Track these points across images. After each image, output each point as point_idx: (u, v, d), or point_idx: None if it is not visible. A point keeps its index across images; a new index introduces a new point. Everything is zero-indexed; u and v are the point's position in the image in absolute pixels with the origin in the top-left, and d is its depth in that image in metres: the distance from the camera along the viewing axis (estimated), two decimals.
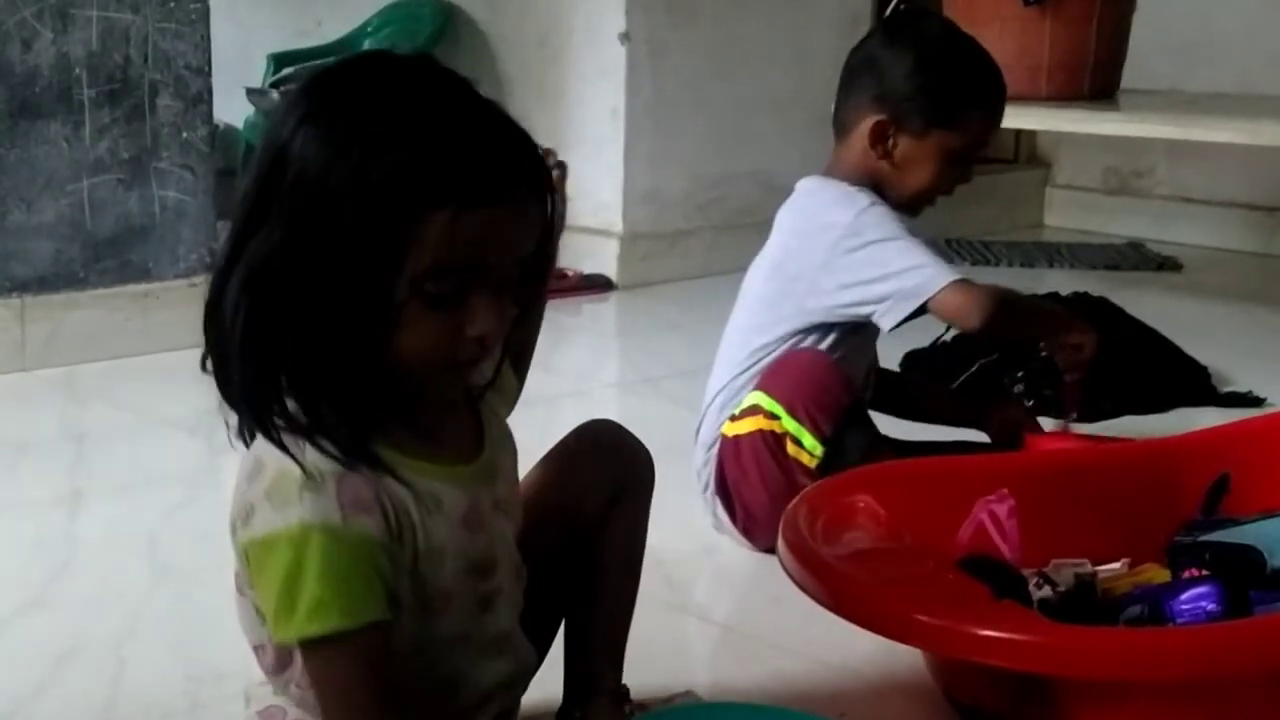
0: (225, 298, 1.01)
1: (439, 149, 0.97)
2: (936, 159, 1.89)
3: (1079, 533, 1.53)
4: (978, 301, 1.81)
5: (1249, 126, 3.05)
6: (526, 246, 1.03)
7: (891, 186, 1.91)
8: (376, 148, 0.97)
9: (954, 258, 3.97)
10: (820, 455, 1.75)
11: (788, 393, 1.78)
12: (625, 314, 3.44)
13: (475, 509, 1.10)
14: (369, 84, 1.01)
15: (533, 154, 1.03)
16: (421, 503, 1.05)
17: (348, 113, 0.99)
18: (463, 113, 1.00)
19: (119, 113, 2.81)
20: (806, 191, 1.95)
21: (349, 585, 1.00)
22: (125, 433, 2.42)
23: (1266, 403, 2.53)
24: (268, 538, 1.00)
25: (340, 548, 1.00)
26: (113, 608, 1.71)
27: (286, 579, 1.00)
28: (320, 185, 0.97)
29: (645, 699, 1.36)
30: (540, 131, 1.04)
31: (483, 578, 1.12)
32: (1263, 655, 1.21)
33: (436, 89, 1.01)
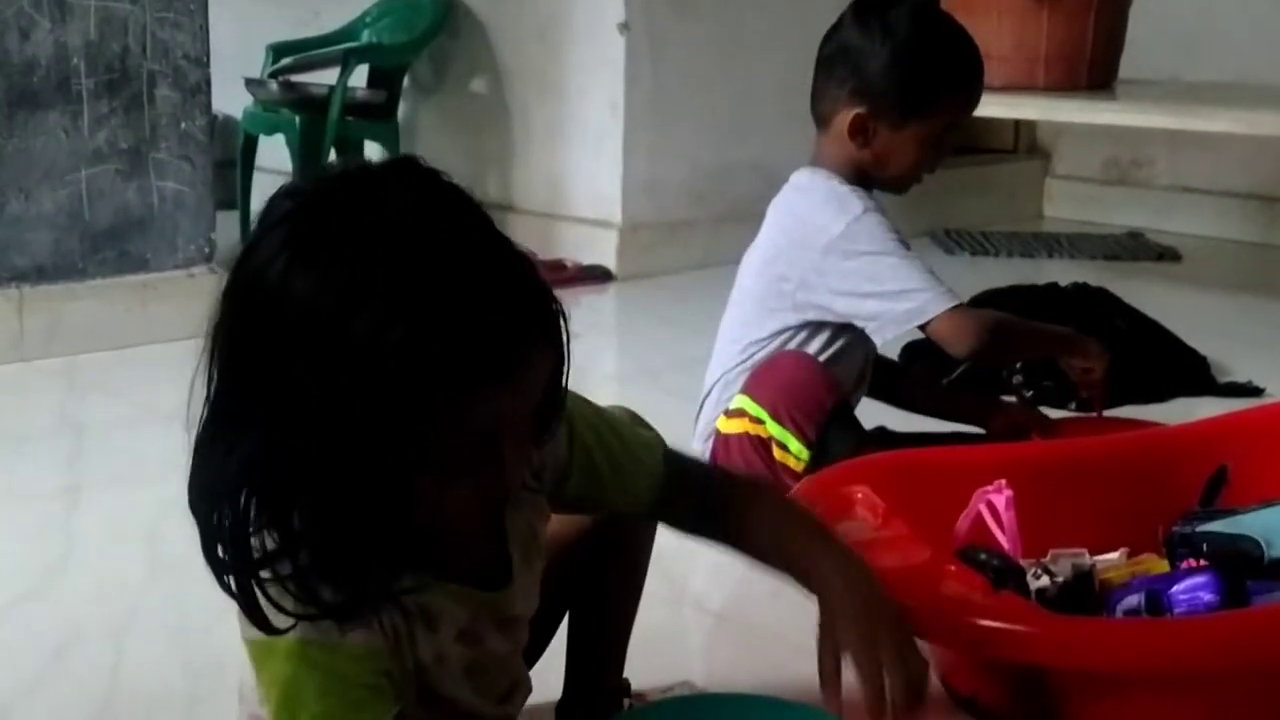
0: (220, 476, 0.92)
1: (461, 328, 0.87)
2: (916, 146, 1.90)
3: (1077, 523, 1.53)
4: (971, 329, 1.83)
5: (1248, 116, 3.04)
6: (541, 389, 0.95)
7: (876, 173, 1.92)
8: (395, 317, 0.86)
9: (954, 249, 3.97)
10: (807, 459, 1.76)
11: (771, 398, 1.79)
12: (624, 305, 3.44)
13: (473, 627, 1.06)
14: (370, 231, 0.89)
15: (546, 304, 0.94)
16: (419, 620, 1.01)
17: (351, 266, 0.87)
18: (479, 275, 0.89)
19: (117, 103, 2.81)
20: (796, 187, 1.94)
21: (352, 695, 0.97)
22: (124, 424, 2.42)
23: (1266, 393, 2.53)
24: (266, 642, 0.96)
25: (339, 660, 0.96)
26: (111, 600, 1.71)
27: (286, 693, 0.96)
28: (325, 353, 0.87)
29: (644, 690, 1.36)
30: (540, 123, 1.01)
31: (484, 685, 1.09)
32: (1260, 646, 1.21)
33: (447, 238, 0.90)
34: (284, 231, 0.90)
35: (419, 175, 0.94)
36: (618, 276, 3.57)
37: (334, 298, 0.87)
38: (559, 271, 3.48)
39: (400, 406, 0.87)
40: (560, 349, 0.96)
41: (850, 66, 1.88)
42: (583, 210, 3.70)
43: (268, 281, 0.89)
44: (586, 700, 1.30)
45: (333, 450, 0.89)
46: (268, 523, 0.93)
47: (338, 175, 0.95)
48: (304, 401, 0.88)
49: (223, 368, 0.92)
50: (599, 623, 1.29)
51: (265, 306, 0.89)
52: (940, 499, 1.47)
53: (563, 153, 3.73)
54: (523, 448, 0.97)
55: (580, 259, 3.60)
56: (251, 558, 0.94)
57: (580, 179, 3.71)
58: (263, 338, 0.89)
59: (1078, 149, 4.57)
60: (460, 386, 0.88)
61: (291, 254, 0.88)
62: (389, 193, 0.91)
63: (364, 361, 0.86)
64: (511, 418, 0.93)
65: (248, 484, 0.92)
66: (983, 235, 4.14)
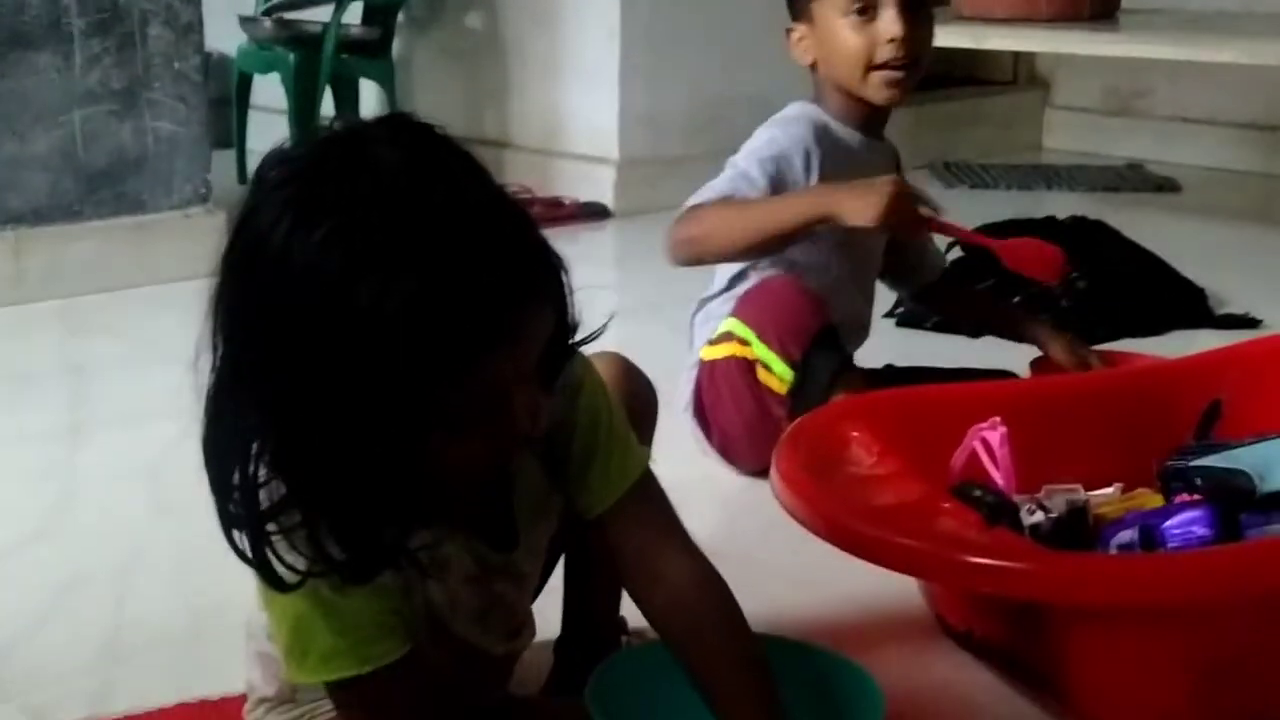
0: (231, 435, 0.94)
1: (461, 293, 0.88)
2: (831, 26, 1.84)
3: (1072, 459, 1.54)
4: (670, 238, 1.80)
5: (1250, 46, 3.02)
6: (543, 343, 0.95)
7: (838, 86, 1.88)
8: (400, 281, 0.86)
9: (954, 182, 3.96)
10: (790, 380, 1.76)
11: (758, 318, 1.78)
12: (623, 241, 3.44)
13: (481, 574, 1.07)
14: (371, 193, 0.89)
15: (544, 259, 0.95)
16: (426, 565, 1.01)
17: (354, 230, 0.88)
18: (479, 235, 0.89)
19: (109, 43, 2.79)
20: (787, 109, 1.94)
21: (362, 631, 0.99)
22: (124, 364, 2.42)
23: (1263, 325, 2.53)
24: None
25: (350, 598, 0.97)
26: (115, 539, 1.72)
27: (297, 626, 0.98)
28: (332, 317, 0.87)
29: (641, 628, 1.37)
30: (536, 56, 1.00)
31: (493, 625, 1.11)
32: (1254, 579, 1.22)
33: (447, 198, 0.90)
34: (283, 195, 0.90)
35: (414, 132, 0.94)
36: (616, 213, 3.56)
37: (334, 265, 0.87)
38: (557, 208, 3.47)
39: (405, 371, 0.88)
40: (561, 302, 0.97)
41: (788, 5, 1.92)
42: (580, 146, 3.68)
43: (269, 247, 0.89)
44: (585, 638, 1.31)
45: (340, 412, 0.89)
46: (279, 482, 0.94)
47: (331, 138, 0.94)
48: (309, 366, 0.89)
49: (228, 331, 0.92)
50: (595, 559, 1.30)
51: (267, 273, 0.89)
52: (935, 436, 1.47)
53: (560, 86, 3.71)
54: (532, 398, 0.96)
55: (578, 196, 3.59)
56: (261, 513, 0.94)
57: (577, 113, 3.69)
58: (266, 304, 0.90)
59: (1077, 79, 4.54)
60: (463, 350, 0.89)
61: (293, 220, 0.88)
62: (385, 153, 0.90)
63: (367, 329, 0.87)
64: (515, 375, 0.94)
65: (257, 445, 0.93)
66: (981, 168, 4.12)
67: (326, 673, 0.99)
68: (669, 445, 1.31)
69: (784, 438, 1.43)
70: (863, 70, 1.83)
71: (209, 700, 1.32)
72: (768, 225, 1.75)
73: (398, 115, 0.96)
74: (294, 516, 0.95)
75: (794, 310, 1.77)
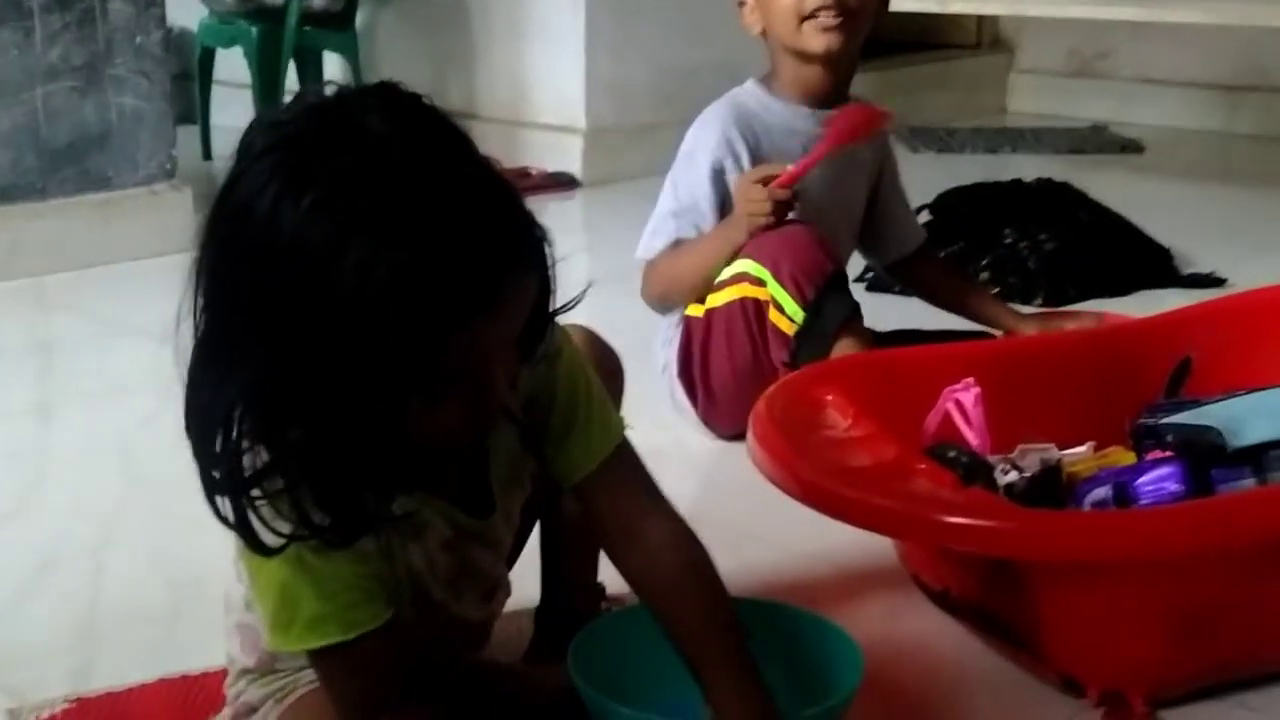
0: (204, 395, 0.93)
1: (447, 263, 0.88)
2: None
3: (1045, 418, 1.55)
4: (644, 286, 1.93)
5: (1211, 5, 3.05)
6: (526, 314, 0.96)
7: (785, 45, 1.90)
8: (386, 252, 0.87)
9: (919, 147, 3.97)
10: (800, 321, 1.77)
11: (774, 257, 1.79)
12: (592, 210, 3.43)
13: (457, 539, 1.08)
14: (358, 161, 0.89)
15: (529, 231, 0.95)
16: (408, 529, 1.03)
17: (341, 197, 0.88)
18: (465, 207, 0.90)
19: (70, 18, 2.76)
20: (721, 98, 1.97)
21: (348, 596, 0.99)
22: (93, 341, 2.41)
23: (1228, 283, 2.55)
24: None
25: (334, 563, 0.98)
26: (90, 516, 1.72)
27: (283, 594, 0.99)
28: (319, 286, 0.87)
29: (619, 594, 1.38)
30: (501, 24, 1.00)
31: (471, 588, 1.12)
32: (1225, 533, 1.23)
33: (431, 171, 0.90)
34: (270, 162, 0.90)
35: (401, 101, 0.94)
36: (583, 182, 3.55)
37: (322, 234, 0.87)
38: (524, 179, 3.46)
39: (390, 339, 0.88)
40: (544, 273, 0.97)
41: None
42: (547, 116, 3.67)
43: (256, 214, 0.89)
44: (564, 605, 1.32)
45: (324, 377, 0.90)
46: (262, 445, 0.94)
47: (319, 104, 0.94)
48: (294, 332, 0.89)
49: (212, 297, 0.92)
50: (569, 526, 1.31)
51: (253, 240, 0.89)
52: (909, 398, 1.48)
53: (525, 54, 3.69)
54: (509, 368, 0.98)
55: (545, 166, 3.57)
56: (244, 477, 0.95)
57: (543, 82, 3.67)
58: (251, 270, 0.90)
59: (1040, 42, 4.55)
60: (448, 319, 0.89)
61: (280, 187, 0.88)
62: (372, 123, 0.90)
63: (353, 296, 0.87)
64: (498, 344, 0.94)
65: (241, 409, 0.93)
66: (947, 132, 4.13)
67: (312, 639, 1.00)
68: (642, 411, 1.32)
69: (760, 403, 1.44)
70: (796, 21, 1.86)
71: (190, 675, 1.32)
72: (704, 267, 1.86)
73: (385, 85, 0.95)
74: (276, 482, 0.95)
75: (809, 252, 1.79)
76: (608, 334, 1.29)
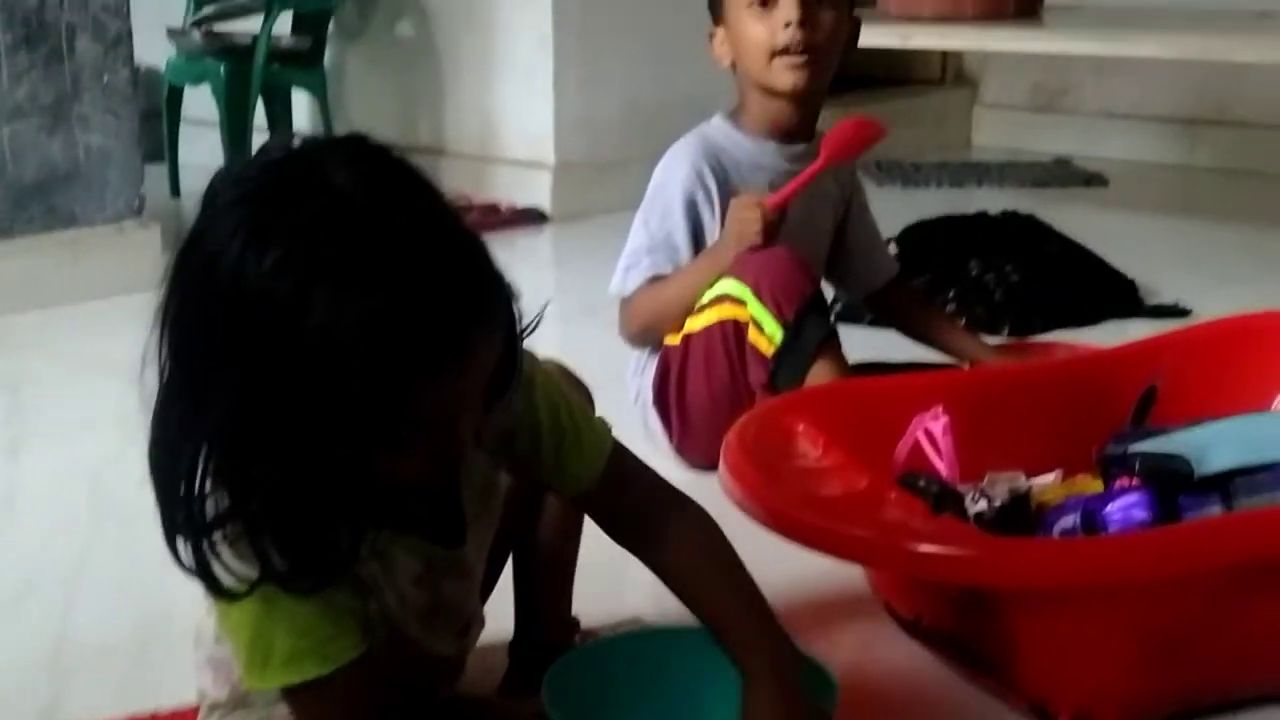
0: (178, 448, 0.93)
1: (412, 320, 0.88)
2: (738, 22, 1.90)
3: (1013, 447, 1.56)
4: (623, 321, 1.94)
5: (1171, 39, 3.08)
6: (491, 369, 0.97)
7: (754, 80, 1.92)
8: (351, 302, 0.87)
9: (885, 180, 3.99)
10: (779, 341, 1.78)
11: (755, 276, 1.80)
12: (561, 245, 3.44)
13: (427, 575, 1.08)
14: (324, 213, 0.89)
15: (496, 286, 0.95)
16: (378, 566, 1.03)
17: (305, 261, 0.88)
18: (430, 263, 0.90)
19: (36, 57, 2.76)
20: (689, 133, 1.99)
21: (321, 631, 0.98)
22: (60, 379, 2.40)
23: (1192, 314, 2.58)
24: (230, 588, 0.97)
25: (305, 598, 0.97)
26: (59, 551, 1.71)
27: (257, 631, 0.98)
28: (284, 337, 0.87)
29: (593, 627, 1.38)
30: (469, 62, 1.01)
31: (444, 624, 1.11)
32: (1192, 560, 1.24)
33: (397, 226, 0.90)
34: (236, 215, 0.90)
35: (368, 154, 0.94)
36: (553, 217, 3.56)
37: (286, 288, 0.87)
38: (494, 214, 3.47)
39: (354, 393, 0.89)
40: (511, 326, 0.98)
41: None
42: (516, 151, 3.68)
43: (221, 267, 0.89)
44: (538, 638, 1.31)
45: (289, 426, 0.90)
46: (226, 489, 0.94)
47: (285, 158, 0.94)
48: (259, 384, 0.89)
49: (177, 345, 0.92)
50: (542, 559, 1.31)
51: (219, 292, 0.89)
52: (879, 427, 1.49)
53: (494, 92, 3.70)
54: (475, 418, 0.98)
55: (515, 201, 3.59)
56: (205, 521, 0.94)
57: (512, 118, 3.68)
58: (217, 323, 0.90)
59: (1004, 77, 4.59)
60: (412, 375, 0.90)
61: (245, 241, 0.88)
62: (339, 175, 0.91)
63: (317, 351, 0.87)
64: (464, 397, 0.95)
65: (206, 453, 0.93)
66: (913, 166, 4.16)
67: (290, 676, 0.99)
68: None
69: (731, 432, 1.44)
70: (766, 58, 1.88)
71: (160, 714, 1.31)
72: (688, 296, 1.86)
73: (353, 137, 0.96)
74: (238, 526, 0.95)
75: (790, 272, 1.80)
76: (577, 367, 1.30)
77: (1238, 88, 4.05)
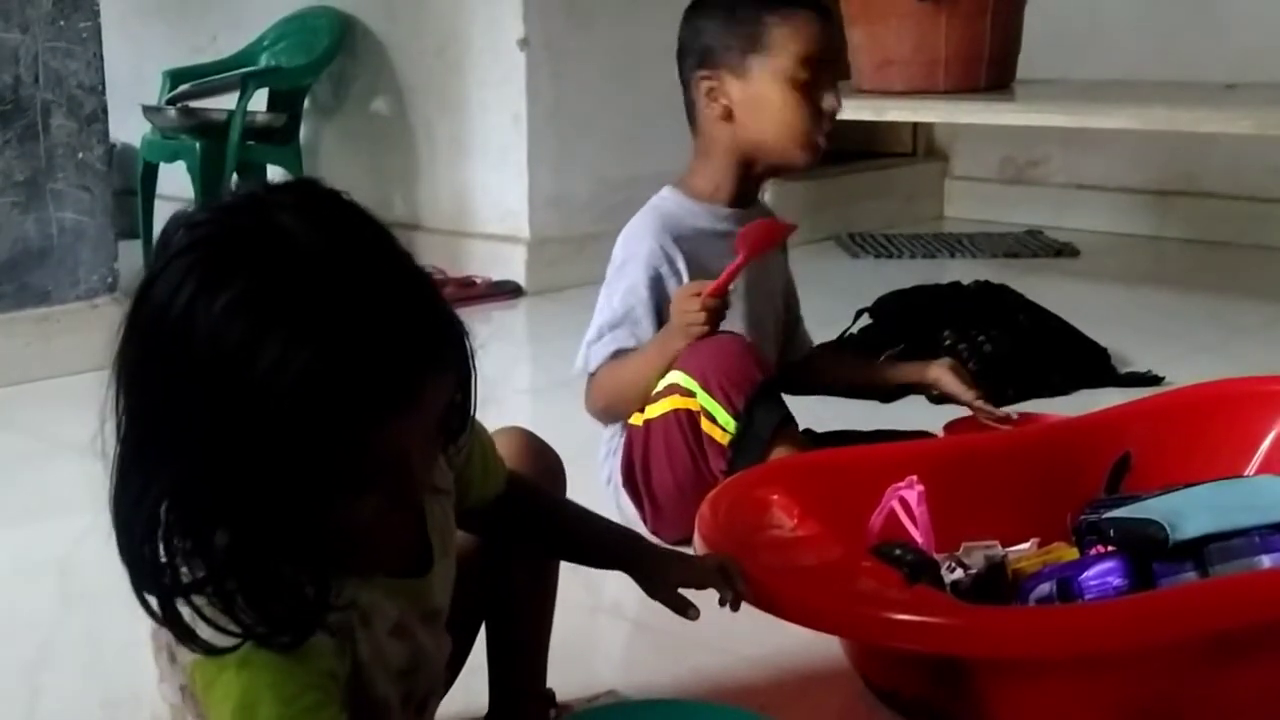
0: (138, 504, 0.92)
1: (363, 361, 0.89)
2: (772, 86, 1.87)
3: (988, 515, 1.56)
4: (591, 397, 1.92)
5: (1139, 112, 3.11)
6: (443, 407, 0.98)
7: (757, 146, 1.91)
8: (299, 350, 0.87)
9: (858, 252, 4.02)
10: (733, 430, 1.77)
11: (702, 368, 1.79)
12: (535, 319, 3.44)
13: (404, 621, 1.08)
14: (273, 260, 0.90)
15: (448, 326, 0.96)
16: (355, 617, 1.02)
17: (255, 305, 0.88)
18: (382, 300, 0.91)
19: (11, 134, 2.77)
20: (637, 215, 1.97)
21: (308, 699, 0.97)
22: (29, 459, 2.38)
23: (1165, 381, 2.59)
24: (216, 660, 0.96)
25: (294, 663, 0.97)
26: (24, 635, 1.68)
27: (243, 701, 0.96)
28: (235, 387, 0.88)
29: (568, 700, 1.36)
30: (443, 140, 1.02)
31: (412, 682, 1.11)
32: (1168, 627, 1.24)
33: (350, 264, 0.91)
34: (186, 262, 0.90)
35: (319, 198, 0.95)
36: (528, 291, 3.57)
37: (236, 332, 0.88)
38: (469, 288, 3.48)
39: (307, 435, 0.89)
40: (463, 366, 0.98)
41: (689, 52, 1.93)
42: (490, 226, 3.70)
43: (172, 314, 0.89)
44: (512, 710, 1.30)
45: (245, 475, 0.90)
46: (191, 550, 0.93)
47: (236, 202, 0.95)
48: (214, 431, 0.89)
49: (131, 400, 0.92)
50: (515, 629, 1.30)
51: (170, 339, 0.89)
52: (853, 497, 1.49)
53: (468, 169, 3.73)
54: (429, 457, 0.99)
55: (489, 275, 3.60)
56: (180, 584, 0.93)
57: (486, 195, 3.70)
58: (169, 370, 0.90)
59: (974, 150, 4.64)
60: (365, 415, 0.90)
61: (196, 286, 0.89)
62: (289, 220, 0.91)
63: (269, 394, 0.87)
64: (417, 438, 0.95)
65: (167, 513, 0.92)
66: (885, 238, 4.19)
67: None
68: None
69: (705, 504, 1.44)
70: (802, 134, 1.88)
71: None
72: (643, 381, 1.85)
73: (303, 181, 0.97)
74: (214, 588, 0.94)
75: (737, 361, 1.79)
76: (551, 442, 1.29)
77: (1206, 159, 4.10)
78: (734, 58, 1.89)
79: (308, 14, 4.00)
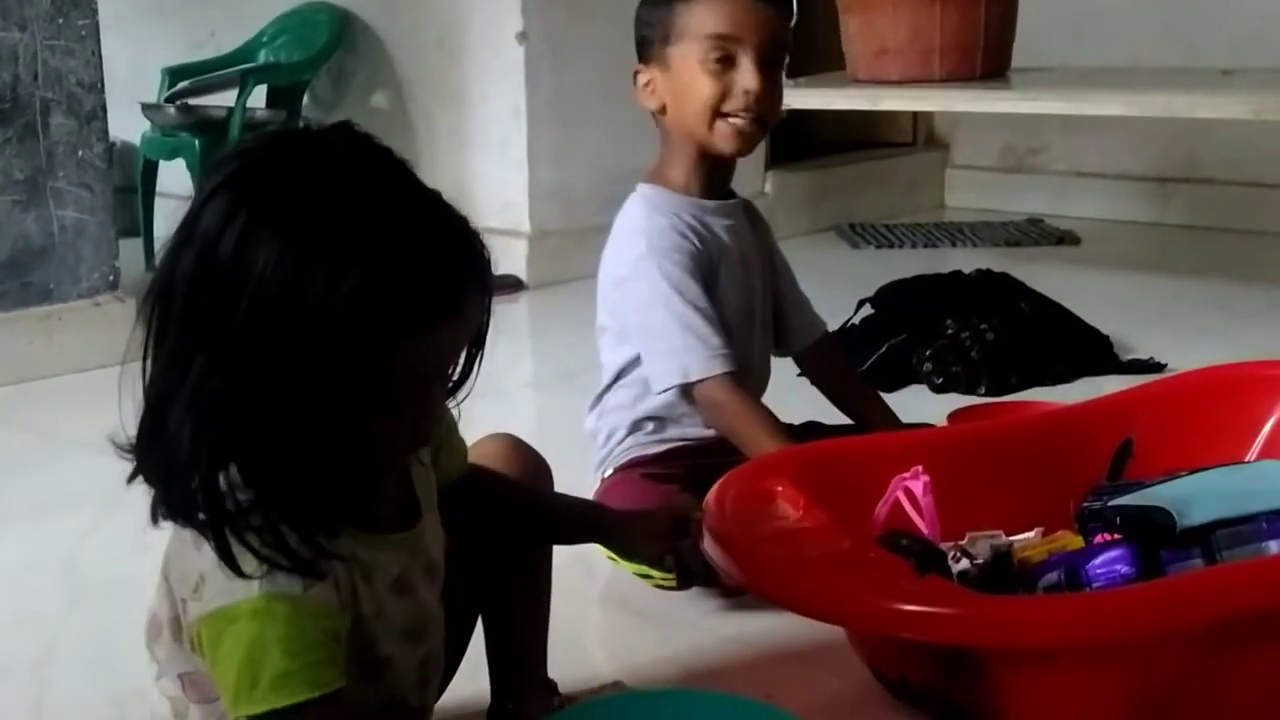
0: (169, 429, 0.96)
1: (410, 272, 0.95)
2: (686, 75, 1.80)
3: (993, 504, 1.56)
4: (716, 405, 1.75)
5: (1138, 98, 3.11)
6: (477, 323, 1.04)
7: (689, 136, 1.84)
8: (349, 272, 0.93)
9: (859, 242, 4.02)
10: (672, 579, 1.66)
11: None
12: (537, 313, 3.44)
13: (405, 576, 1.10)
14: (319, 189, 0.95)
15: (480, 252, 1.02)
16: (358, 571, 1.05)
17: (304, 225, 0.94)
18: (421, 221, 0.98)
19: (11, 133, 2.76)
20: (624, 208, 1.92)
21: (314, 655, 0.99)
22: (34, 456, 2.38)
23: (1167, 368, 2.59)
24: (226, 610, 0.98)
25: (304, 617, 0.99)
26: (31, 631, 1.69)
27: (250, 653, 0.98)
28: (288, 312, 0.93)
29: (573, 692, 1.36)
30: (444, 133, 1.05)
31: (416, 643, 1.12)
32: (1178, 614, 1.24)
33: (389, 191, 0.98)
34: (233, 192, 0.95)
35: (357, 136, 1.01)
36: (529, 285, 3.57)
37: (291, 255, 0.92)
38: None
39: (360, 350, 0.94)
40: (489, 286, 1.04)
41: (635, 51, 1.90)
42: (491, 220, 3.69)
43: (223, 243, 0.94)
44: (514, 700, 1.30)
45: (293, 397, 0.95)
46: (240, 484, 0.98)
47: (281, 135, 1.01)
48: (265, 355, 0.93)
49: (179, 326, 0.96)
50: (510, 619, 1.31)
51: (221, 268, 0.94)
52: (859, 487, 1.49)
53: (468, 162, 3.72)
54: (442, 397, 1.06)
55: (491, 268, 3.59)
56: (225, 508, 0.97)
57: (487, 188, 3.70)
58: (220, 297, 0.94)
59: (975, 139, 4.64)
60: (415, 324, 0.96)
61: (247, 215, 0.94)
62: (333, 152, 0.98)
63: (322, 313, 0.92)
64: (454, 354, 1.03)
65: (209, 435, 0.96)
66: (887, 228, 4.19)
67: (277, 699, 0.98)
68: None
69: (710, 495, 1.44)
70: (711, 116, 1.80)
71: None
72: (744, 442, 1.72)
73: (342, 122, 1.02)
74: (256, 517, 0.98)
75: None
76: (550, 435, 1.30)
77: (1205, 145, 4.10)
78: (657, 49, 1.85)
79: (306, 9, 4.00)
